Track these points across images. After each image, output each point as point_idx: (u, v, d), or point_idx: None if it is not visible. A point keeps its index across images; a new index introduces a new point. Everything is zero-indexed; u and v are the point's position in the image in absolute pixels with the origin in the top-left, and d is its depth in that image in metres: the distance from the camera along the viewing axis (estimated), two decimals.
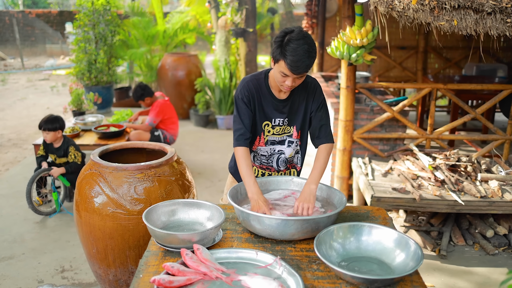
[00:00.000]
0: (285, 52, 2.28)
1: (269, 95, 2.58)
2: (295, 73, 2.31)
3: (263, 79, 2.59)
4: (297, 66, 2.28)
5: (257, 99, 2.57)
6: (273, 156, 2.71)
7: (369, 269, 1.99)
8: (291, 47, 2.27)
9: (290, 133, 2.67)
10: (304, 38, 2.30)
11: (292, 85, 2.39)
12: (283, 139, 2.68)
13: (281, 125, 2.63)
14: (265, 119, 2.61)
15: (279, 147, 2.69)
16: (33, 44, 18.91)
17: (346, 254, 2.08)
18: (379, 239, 2.12)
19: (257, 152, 2.72)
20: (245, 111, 2.56)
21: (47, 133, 4.77)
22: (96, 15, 8.87)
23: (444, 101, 9.40)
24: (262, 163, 2.74)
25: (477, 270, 3.89)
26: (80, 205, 3.07)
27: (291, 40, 2.28)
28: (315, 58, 2.34)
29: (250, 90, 2.56)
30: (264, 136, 2.65)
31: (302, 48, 2.27)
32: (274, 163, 2.73)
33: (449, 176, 4.28)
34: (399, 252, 2.03)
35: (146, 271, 1.97)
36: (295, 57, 2.26)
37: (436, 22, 3.56)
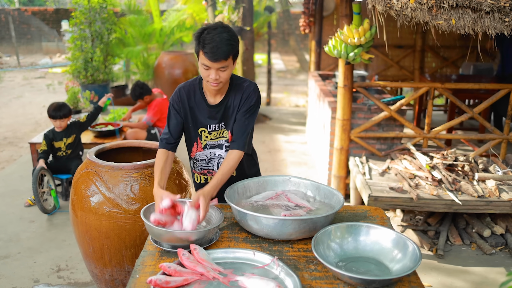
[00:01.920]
0: (203, 42, 2.28)
1: (202, 102, 2.56)
2: (213, 61, 2.28)
3: (198, 85, 2.58)
4: (213, 52, 2.25)
5: (189, 106, 2.57)
6: (213, 159, 2.68)
7: (367, 270, 1.98)
8: (209, 36, 2.27)
9: (226, 137, 2.63)
10: (223, 27, 2.31)
11: (217, 78, 2.35)
12: (221, 143, 2.65)
13: (217, 130, 2.61)
14: (201, 126, 2.60)
15: (218, 151, 2.66)
16: (29, 42, 18.84)
17: (344, 254, 2.07)
18: (377, 239, 2.11)
19: (196, 158, 2.70)
20: (173, 117, 2.59)
21: (62, 120, 4.89)
22: (92, 13, 8.83)
23: (441, 100, 9.41)
24: (202, 168, 2.72)
25: (474, 270, 3.89)
26: (76, 205, 3.05)
27: (209, 31, 2.30)
28: (234, 46, 2.33)
29: (182, 97, 2.57)
30: (202, 141, 2.64)
31: (219, 36, 2.27)
32: (215, 167, 2.69)
33: (446, 175, 4.28)
34: (397, 253, 2.02)
35: (143, 271, 1.95)
36: (211, 44, 2.26)
37: (434, 21, 3.56)
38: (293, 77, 14.77)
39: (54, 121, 4.88)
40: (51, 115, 4.86)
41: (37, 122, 8.67)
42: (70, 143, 5.00)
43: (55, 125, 4.92)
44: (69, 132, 5.02)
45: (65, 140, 4.98)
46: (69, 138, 5.00)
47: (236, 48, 2.34)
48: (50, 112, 4.87)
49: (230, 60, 2.34)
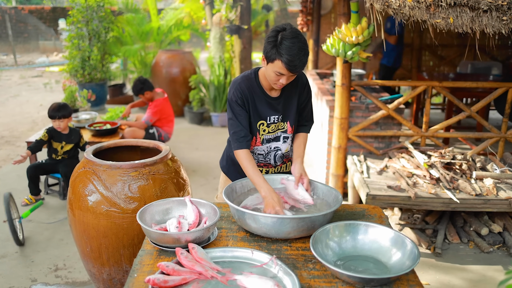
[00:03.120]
0: (280, 51, 2.27)
1: (262, 94, 2.56)
2: (292, 72, 2.31)
3: (254, 79, 2.57)
4: (295, 65, 2.27)
5: (251, 99, 2.55)
6: (270, 153, 2.70)
7: (365, 268, 1.98)
8: (286, 46, 2.26)
9: (284, 128, 2.67)
10: (298, 36, 2.30)
11: (287, 83, 2.40)
12: (278, 136, 2.67)
13: (276, 122, 2.63)
14: (260, 119, 2.59)
15: (274, 144, 2.69)
16: (26, 40, 18.78)
17: (342, 253, 2.07)
18: (375, 238, 2.11)
19: (253, 152, 2.70)
20: (241, 112, 2.53)
21: (61, 121, 4.81)
22: (89, 12, 8.81)
23: (439, 98, 9.42)
24: (259, 162, 2.73)
25: (471, 268, 3.89)
26: (73, 204, 3.04)
27: (285, 38, 2.27)
28: (308, 55, 2.35)
29: (243, 91, 2.53)
30: (260, 136, 2.63)
31: (297, 47, 2.26)
32: (272, 160, 2.73)
33: (444, 174, 4.28)
34: (396, 251, 2.02)
35: (141, 270, 1.95)
36: (291, 56, 2.25)
37: (432, 20, 3.56)
38: None
39: (53, 121, 4.83)
40: (50, 115, 4.83)
41: (34, 121, 8.65)
42: (67, 150, 4.95)
43: (54, 125, 4.87)
44: (70, 139, 4.95)
45: (63, 144, 4.93)
46: (68, 145, 4.94)
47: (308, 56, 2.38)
48: (49, 112, 4.83)
49: None
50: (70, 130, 4.96)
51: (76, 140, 4.97)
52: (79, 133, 5.02)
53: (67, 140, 4.93)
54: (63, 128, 4.86)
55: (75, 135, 4.97)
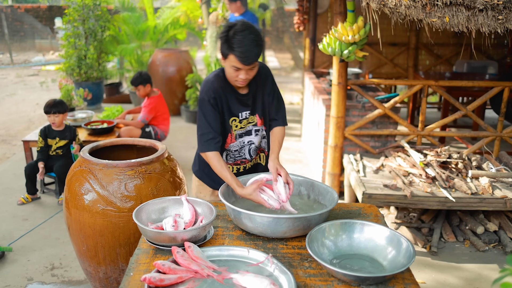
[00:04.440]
0: (232, 46, 2.31)
1: (233, 92, 2.59)
2: (246, 64, 2.34)
3: (223, 77, 2.58)
4: (247, 56, 2.31)
5: (224, 98, 2.57)
6: (244, 148, 2.72)
7: (361, 267, 1.99)
8: (238, 39, 2.30)
9: (254, 122, 2.69)
10: (249, 28, 2.34)
11: (247, 77, 2.42)
12: (249, 129, 2.70)
13: (247, 117, 2.66)
14: (232, 116, 2.62)
15: (248, 138, 2.72)
16: (22, 39, 18.72)
17: (338, 252, 2.08)
18: (371, 237, 2.12)
19: (229, 150, 2.71)
20: (211, 113, 2.53)
21: (56, 116, 4.84)
22: (86, 10, 8.79)
23: (435, 97, 9.44)
24: (236, 159, 2.75)
25: (467, 267, 3.91)
26: (70, 202, 3.04)
27: (236, 32, 2.32)
28: (262, 47, 2.39)
29: (216, 90, 2.54)
30: (233, 132, 2.66)
31: (248, 39, 2.31)
32: (247, 154, 2.75)
33: (440, 172, 4.30)
34: (391, 250, 2.03)
35: (137, 269, 1.95)
36: (243, 48, 2.30)
37: (428, 19, 3.57)
38: (287, 75, 14.76)
39: (48, 116, 4.86)
40: (45, 111, 4.86)
41: (30, 120, 8.63)
42: (61, 146, 4.96)
43: (49, 120, 4.90)
44: (64, 135, 4.97)
45: (57, 140, 4.94)
46: (62, 141, 4.95)
47: (262, 48, 2.41)
48: (45, 107, 4.87)
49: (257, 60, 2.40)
50: (65, 127, 4.99)
51: (70, 137, 4.98)
52: (75, 131, 5.03)
53: (61, 136, 4.95)
54: (58, 124, 4.89)
55: (70, 132, 4.99)
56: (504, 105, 4.84)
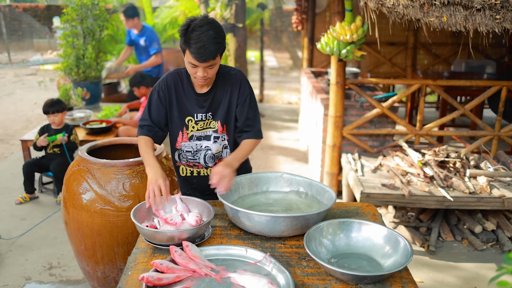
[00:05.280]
0: (189, 41, 2.22)
1: (190, 90, 2.51)
2: (200, 61, 2.24)
3: (185, 74, 2.53)
4: (201, 53, 2.20)
5: (175, 93, 2.52)
6: (200, 152, 2.61)
7: (358, 266, 1.99)
8: (194, 35, 2.20)
9: (215, 128, 2.58)
10: (209, 24, 2.23)
11: (204, 75, 2.32)
12: (208, 134, 2.59)
13: (204, 120, 2.56)
14: (187, 115, 2.55)
15: (205, 143, 2.60)
16: (20, 38, 18.70)
17: (335, 251, 2.08)
18: (368, 236, 2.12)
19: (181, 149, 2.63)
20: (156, 103, 2.52)
21: (55, 115, 4.86)
22: (84, 10, 8.77)
23: (433, 97, 9.45)
24: (188, 160, 2.65)
25: (465, 266, 3.92)
26: (68, 202, 3.03)
27: (195, 28, 2.22)
28: (222, 44, 2.27)
29: (169, 84, 2.52)
30: (188, 131, 2.57)
31: (206, 35, 2.20)
32: (202, 160, 2.63)
33: (438, 172, 4.30)
34: (389, 249, 2.03)
35: (135, 268, 1.95)
36: (198, 44, 2.19)
37: (425, 18, 3.57)
38: (285, 74, 14.77)
39: (48, 116, 4.88)
40: (44, 110, 4.87)
41: (28, 119, 8.62)
42: (57, 145, 4.94)
43: (49, 120, 4.92)
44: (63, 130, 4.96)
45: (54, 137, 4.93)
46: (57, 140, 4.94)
47: (223, 46, 2.28)
48: (43, 107, 4.88)
49: (217, 57, 2.29)
50: (63, 127, 4.99)
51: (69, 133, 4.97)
52: (73, 129, 5.03)
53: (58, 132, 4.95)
54: (58, 122, 4.91)
55: (67, 130, 4.98)
56: (502, 104, 4.85)
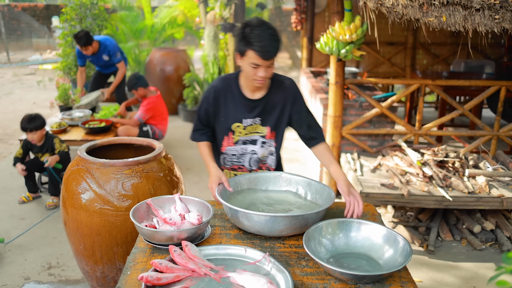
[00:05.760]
0: (250, 41, 2.25)
1: (239, 96, 2.54)
2: (265, 59, 2.27)
3: (234, 80, 2.56)
4: (266, 50, 2.25)
5: (224, 100, 2.55)
6: (245, 155, 2.66)
7: (358, 265, 1.99)
8: (255, 34, 2.25)
9: (263, 133, 2.61)
10: (265, 23, 2.30)
11: (265, 75, 2.35)
12: (255, 139, 2.63)
13: (252, 124, 2.59)
14: (235, 121, 2.58)
15: (251, 147, 2.64)
16: (19, 38, 18.67)
17: (335, 250, 2.08)
18: (368, 235, 2.12)
19: (226, 153, 2.68)
20: (204, 110, 2.59)
21: (34, 133, 4.65)
22: (83, 9, 8.77)
23: (432, 97, 9.45)
24: (233, 163, 2.69)
25: (464, 265, 3.92)
26: (67, 201, 3.03)
27: (253, 28, 2.26)
28: (280, 42, 2.33)
29: (217, 90, 2.55)
30: (234, 136, 2.61)
31: (266, 33, 2.26)
32: (246, 163, 2.67)
33: (437, 172, 4.30)
34: (388, 248, 2.03)
35: (134, 268, 1.95)
36: (261, 42, 2.24)
37: (425, 18, 3.57)
38: (285, 74, 14.79)
39: (26, 133, 4.68)
40: (21, 128, 4.64)
41: None
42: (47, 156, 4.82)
43: (27, 138, 4.72)
44: (45, 149, 4.84)
45: (40, 155, 4.87)
46: (45, 155, 4.85)
47: (281, 42, 2.35)
48: (21, 123, 4.64)
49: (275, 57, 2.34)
50: (44, 141, 4.83)
51: (51, 149, 4.83)
52: (53, 141, 4.86)
53: (42, 150, 4.84)
54: (36, 140, 4.71)
55: (49, 144, 4.83)
56: (501, 104, 4.85)
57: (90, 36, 6.28)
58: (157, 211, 2.28)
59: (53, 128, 5.47)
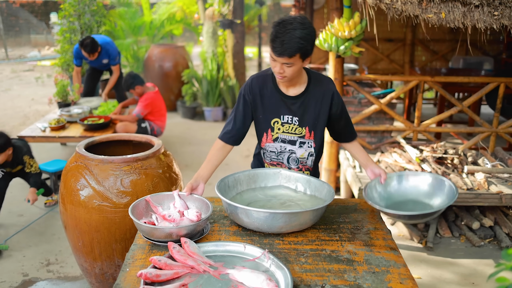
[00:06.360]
0: (274, 35, 2.24)
1: (276, 92, 2.52)
2: (276, 55, 2.25)
3: (271, 75, 2.53)
4: (277, 46, 2.22)
5: (260, 96, 2.53)
6: (284, 153, 2.63)
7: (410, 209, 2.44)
8: (281, 30, 2.22)
9: (302, 134, 2.58)
10: (299, 23, 2.22)
11: (281, 72, 2.31)
12: (293, 139, 2.59)
13: (290, 123, 2.55)
14: (274, 116, 2.55)
15: (290, 147, 2.61)
16: (17, 34, 18.62)
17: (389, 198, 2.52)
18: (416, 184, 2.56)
19: (265, 149, 2.65)
20: (242, 109, 2.55)
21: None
22: (81, 5, 8.74)
23: (431, 93, 9.45)
24: (272, 160, 2.67)
25: (463, 262, 3.92)
26: (65, 198, 3.03)
27: (284, 24, 2.23)
28: (304, 46, 2.23)
29: (253, 87, 2.53)
30: (273, 133, 2.58)
31: (290, 32, 2.20)
32: (285, 160, 2.65)
33: (436, 168, 4.30)
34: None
35: (133, 264, 1.95)
36: (279, 38, 2.21)
37: (424, 15, 3.56)
38: None
39: None
40: None
41: (25, 115, 8.60)
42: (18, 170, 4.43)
43: None
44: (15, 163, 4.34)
45: (10, 169, 4.36)
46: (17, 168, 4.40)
47: (305, 48, 2.24)
48: None
49: (296, 58, 2.26)
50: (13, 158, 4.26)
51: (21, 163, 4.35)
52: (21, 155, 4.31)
53: (12, 166, 4.35)
54: (1, 161, 4.10)
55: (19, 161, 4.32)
56: (500, 101, 4.85)
57: (96, 43, 6.28)
58: (156, 208, 2.28)
59: (51, 125, 5.45)
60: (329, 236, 2.20)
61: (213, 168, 2.54)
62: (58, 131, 5.43)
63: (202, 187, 2.45)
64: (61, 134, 5.35)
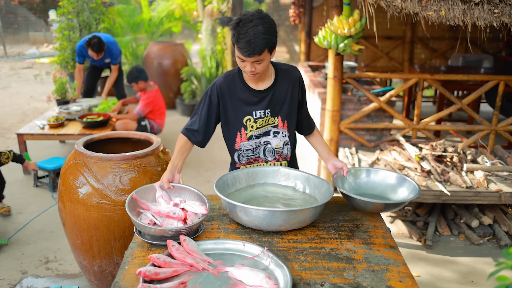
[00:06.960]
0: (237, 36, 2.23)
1: (245, 89, 2.51)
2: (246, 56, 2.24)
3: (237, 74, 2.53)
4: (247, 48, 2.21)
5: (229, 96, 2.52)
6: (260, 147, 2.64)
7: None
8: (243, 30, 2.21)
9: (275, 123, 2.59)
10: (259, 19, 2.23)
11: (252, 70, 2.32)
12: (268, 130, 2.60)
13: (263, 117, 2.56)
14: (246, 114, 2.55)
15: (264, 138, 2.62)
16: (16, 31, 18.59)
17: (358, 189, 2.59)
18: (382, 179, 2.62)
19: (241, 149, 2.64)
20: (206, 110, 2.55)
21: None
22: (80, 3, 8.72)
23: (430, 91, 9.45)
24: (248, 158, 2.66)
25: (462, 260, 3.92)
26: (64, 196, 3.02)
27: (245, 22, 2.22)
28: (270, 40, 2.25)
29: (221, 88, 2.52)
30: (247, 132, 2.58)
31: (254, 30, 2.19)
32: (261, 154, 2.65)
33: (435, 166, 4.30)
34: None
35: (132, 262, 1.94)
36: (245, 39, 2.20)
37: (424, 12, 3.56)
38: None
39: None
40: None
41: (24, 112, 8.58)
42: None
43: None
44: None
45: None
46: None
47: (272, 41, 2.26)
48: None
49: (265, 53, 2.27)
50: None
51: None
52: None
53: None
54: None
55: None
56: (499, 99, 4.85)
57: (103, 42, 6.28)
58: (144, 204, 2.27)
59: (50, 122, 5.44)
60: (329, 234, 2.20)
61: (185, 159, 2.63)
62: (57, 129, 5.42)
63: (178, 177, 2.50)
64: (59, 132, 5.34)
